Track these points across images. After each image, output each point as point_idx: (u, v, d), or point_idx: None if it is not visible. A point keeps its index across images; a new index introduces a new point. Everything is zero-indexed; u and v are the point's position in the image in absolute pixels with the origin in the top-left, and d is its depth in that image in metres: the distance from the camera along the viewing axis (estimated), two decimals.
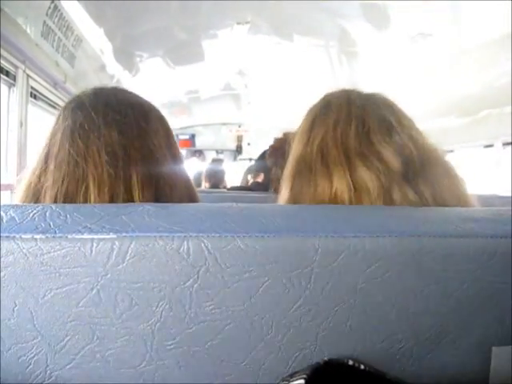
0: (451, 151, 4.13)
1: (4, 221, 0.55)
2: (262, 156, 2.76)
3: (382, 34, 3.71)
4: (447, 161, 0.88)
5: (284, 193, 0.89)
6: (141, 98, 0.88)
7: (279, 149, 2.06)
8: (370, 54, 4.18)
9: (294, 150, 0.91)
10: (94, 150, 0.76)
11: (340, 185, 0.79)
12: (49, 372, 0.55)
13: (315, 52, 4.60)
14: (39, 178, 0.77)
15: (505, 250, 0.57)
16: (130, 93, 0.88)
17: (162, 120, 0.87)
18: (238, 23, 3.94)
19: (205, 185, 4.05)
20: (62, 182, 0.74)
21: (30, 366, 0.54)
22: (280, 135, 2.20)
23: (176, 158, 0.85)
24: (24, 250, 0.53)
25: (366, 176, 0.79)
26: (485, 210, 0.65)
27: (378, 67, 4.36)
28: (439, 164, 0.85)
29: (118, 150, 0.76)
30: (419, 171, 0.81)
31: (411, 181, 0.79)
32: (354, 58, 4.45)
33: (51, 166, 0.76)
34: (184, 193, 0.84)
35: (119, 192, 0.74)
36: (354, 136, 0.83)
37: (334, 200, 0.78)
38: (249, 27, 4.02)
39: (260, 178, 2.70)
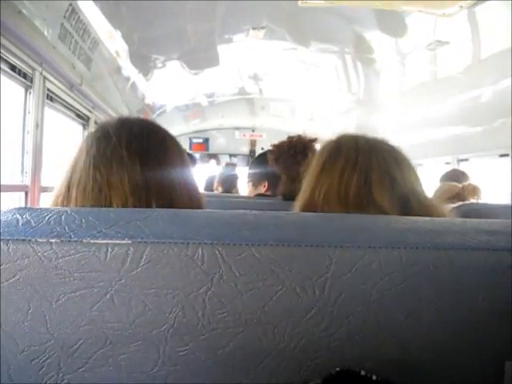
0: (466, 160, 4.10)
1: (20, 224, 0.55)
2: (258, 162, 2.61)
3: (398, 41, 3.70)
4: (446, 214, 0.95)
5: None
6: (161, 127, 0.91)
7: (281, 149, 2.05)
8: (385, 60, 4.17)
9: (305, 191, 0.98)
10: (117, 180, 0.78)
11: None
12: (61, 375, 0.55)
13: (330, 58, 4.59)
14: (62, 204, 0.79)
15: None
16: (152, 123, 0.91)
17: (178, 148, 0.90)
18: (254, 28, 3.95)
19: (217, 189, 4.05)
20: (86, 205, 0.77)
21: (43, 369, 0.55)
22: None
23: (190, 185, 0.88)
24: (39, 254, 0.53)
25: None
26: (500, 223, 0.64)
27: (393, 74, 4.35)
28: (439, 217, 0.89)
29: (140, 182, 0.78)
30: None
31: None
32: (369, 64, 4.43)
33: (74, 193, 0.78)
34: None
35: None
36: (356, 188, 0.90)
37: None
38: (264, 32, 4.02)
39: (264, 188, 2.53)
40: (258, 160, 2.65)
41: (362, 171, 0.91)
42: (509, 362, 0.58)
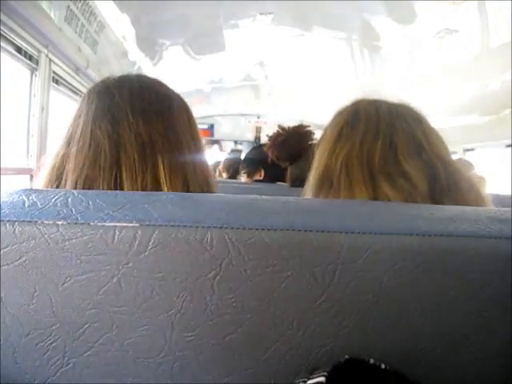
0: (472, 150, 4.09)
1: (26, 205, 0.55)
2: (253, 154, 2.66)
3: (406, 28, 3.68)
4: (472, 179, 0.87)
5: (308, 196, 0.89)
6: (164, 85, 0.87)
7: (275, 141, 2.07)
8: (393, 48, 4.15)
9: (319, 160, 0.90)
10: (126, 139, 0.75)
11: None
12: (66, 359, 0.55)
13: (337, 45, 4.57)
14: (62, 161, 0.76)
15: None
16: (154, 80, 0.87)
17: (185, 108, 0.87)
18: (261, 13, 3.92)
19: (222, 175, 4.03)
20: (83, 166, 0.74)
21: (48, 352, 0.54)
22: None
23: (198, 146, 0.84)
24: (45, 236, 0.52)
25: (390, 194, 0.78)
26: None
27: (401, 62, 4.32)
28: (466, 184, 0.84)
29: (145, 138, 0.76)
30: (446, 191, 0.80)
31: (438, 200, 0.78)
32: (376, 52, 4.41)
33: (73, 149, 0.76)
34: (204, 182, 0.82)
35: (148, 181, 0.74)
36: (381, 153, 0.83)
37: None
38: (272, 18, 3.99)
39: (260, 175, 2.55)
40: (254, 151, 2.68)
41: (385, 135, 0.84)
42: None
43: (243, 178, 2.66)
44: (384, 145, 0.83)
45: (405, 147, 0.83)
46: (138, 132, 0.76)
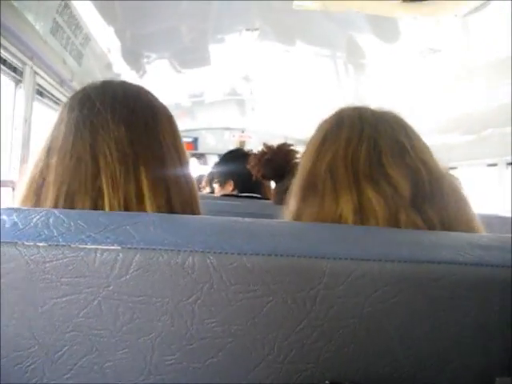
0: (455, 168, 4.12)
1: (6, 226, 0.54)
2: (224, 161, 2.64)
3: (390, 47, 3.71)
4: (457, 185, 0.86)
5: (291, 205, 0.88)
6: (149, 93, 0.86)
7: (261, 160, 2.08)
8: (377, 66, 4.18)
9: (304, 165, 0.89)
10: (105, 147, 0.73)
11: (346, 207, 0.78)
12: (45, 381, 0.54)
13: (322, 62, 4.60)
14: (42, 172, 0.74)
15: None
16: (138, 87, 0.86)
17: (170, 119, 0.86)
18: (248, 29, 3.94)
19: (206, 189, 4.03)
20: (64, 178, 0.72)
21: (27, 375, 0.54)
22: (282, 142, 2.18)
23: (183, 160, 0.83)
24: (26, 257, 0.52)
25: (373, 199, 0.77)
26: (493, 237, 0.64)
27: (384, 80, 4.36)
28: (449, 189, 0.83)
29: (127, 148, 0.74)
30: (429, 196, 0.79)
31: (420, 206, 0.78)
32: (361, 69, 4.44)
33: (53, 160, 0.74)
34: (188, 199, 0.81)
35: (132, 192, 0.72)
36: (365, 157, 0.82)
37: (338, 222, 0.77)
38: (258, 34, 4.02)
39: (230, 187, 2.50)
40: (223, 159, 2.66)
41: (369, 138, 0.84)
42: (499, 378, 0.57)
43: (216, 188, 2.63)
44: (368, 148, 0.83)
45: (389, 151, 0.82)
46: (119, 139, 0.74)
